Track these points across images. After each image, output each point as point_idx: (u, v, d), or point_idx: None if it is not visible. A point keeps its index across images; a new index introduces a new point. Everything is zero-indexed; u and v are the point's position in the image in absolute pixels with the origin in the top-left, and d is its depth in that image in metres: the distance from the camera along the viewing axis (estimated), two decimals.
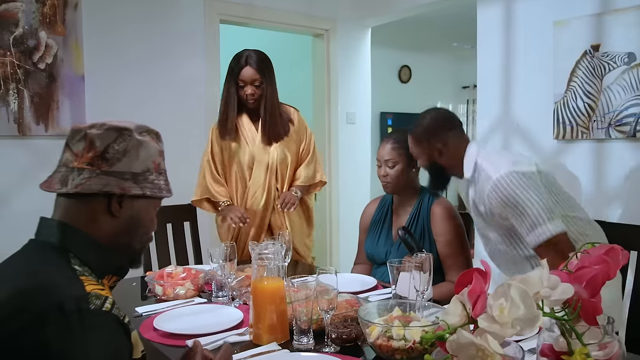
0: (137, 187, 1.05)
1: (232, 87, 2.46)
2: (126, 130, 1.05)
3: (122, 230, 1.07)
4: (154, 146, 1.10)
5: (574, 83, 2.45)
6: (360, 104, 4.63)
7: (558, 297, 0.93)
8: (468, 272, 1.03)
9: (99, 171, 1.02)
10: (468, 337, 0.92)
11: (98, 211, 1.03)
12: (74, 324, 0.86)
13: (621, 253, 1.02)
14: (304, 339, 1.43)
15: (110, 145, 1.03)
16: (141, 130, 1.09)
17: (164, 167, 1.13)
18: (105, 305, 0.92)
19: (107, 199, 1.03)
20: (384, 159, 2.15)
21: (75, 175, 1.01)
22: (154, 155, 1.09)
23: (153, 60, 3.40)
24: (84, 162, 1.02)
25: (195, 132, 3.53)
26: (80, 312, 0.88)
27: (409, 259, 1.68)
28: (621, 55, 2.29)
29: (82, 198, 1.02)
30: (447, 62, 7.22)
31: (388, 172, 2.15)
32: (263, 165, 2.51)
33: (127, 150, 1.04)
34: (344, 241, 4.49)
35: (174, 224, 2.72)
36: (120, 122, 1.07)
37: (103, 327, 0.90)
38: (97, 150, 1.02)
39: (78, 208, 1.03)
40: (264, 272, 1.52)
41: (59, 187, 1.02)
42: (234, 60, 2.45)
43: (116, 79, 3.25)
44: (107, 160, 1.03)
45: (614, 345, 0.96)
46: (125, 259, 1.12)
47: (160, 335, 1.54)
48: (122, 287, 2.06)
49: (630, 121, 2.27)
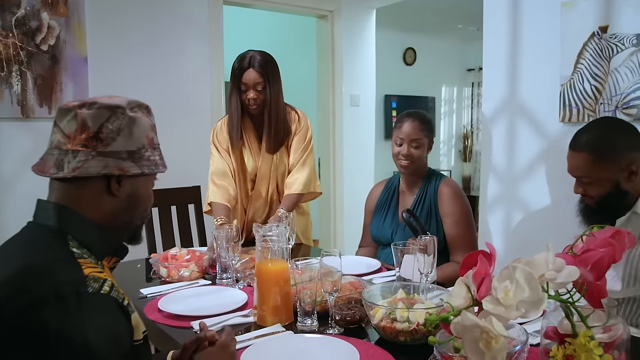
0: (135, 165, 1.03)
1: (234, 92, 2.29)
2: (119, 108, 1.02)
3: (122, 209, 1.05)
4: (146, 121, 1.08)
5: (581, 65, 2.42)
6: (364, 86, 4.60)
7: (563, 279, 0.93)
8: (473, 254, 1.03)
9: (94, 152, 0.99)
10: (472, 319, 0.92)
11: (97, 192, 1.02)
12: (71, 307, 0.86)
13: (627, 236, 1.01)
14: (308, 320, 1.43)
15: (103, 124, 1.00)
16: (132, 105, 1.06)
17: (157, 142, 1.11)
18: (103, 288, 0.91)
19: (106, 180, 1.01)
20: (411, 138, 2.08)
21: (71, 157, 0.99)
22: (147, 131, 1.07)
23: (156, 42, 3.38)
24: (78, 144, 0.99)
25: (199, 115, 3.53)
26: (78, 295, 0.87)
27: (413, 241, 1.68)
28: (630, 37, 2.25)
29: (79, 181, 1.00)
30: (452, 44, 7.16)
31: (412, 152, 2.09)
32: (266, 177, 2.41)
33: (120, 129, 1.02)
34: (348, 224, 4.50)
35: (178, 206, 2.73)
36: (111, 100, 1.04)
37: (101, 309, 0.90)
38: (91, 131, 0.99)
39: (75, 190, 1.01)
40: (268, 254, 1.52)
41: (55, 172, 0.99)
42: (236, 62, 2.28)
43: (119, 61, 3.23)
44: (102, 140, 1.00)
45: (618, 328, 0.96)
46: (125, 236, 1.11)
47: (164, 317, 1.55)
48: (126, 269, 2.09)
49: (638, 104, 2.24)
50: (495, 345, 0.91)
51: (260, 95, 2.25)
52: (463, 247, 2.04)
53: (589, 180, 1.59)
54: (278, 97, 2.31)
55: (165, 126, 3.24)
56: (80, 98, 1.10)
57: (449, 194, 2.10)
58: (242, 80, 2.25)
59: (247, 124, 2.39)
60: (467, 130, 7.57)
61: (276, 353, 1.28)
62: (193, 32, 3.54)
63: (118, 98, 1.06)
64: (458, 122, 7.61)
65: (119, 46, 3.24)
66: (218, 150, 2.41)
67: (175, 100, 3.43)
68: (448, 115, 7.44)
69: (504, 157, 2.78)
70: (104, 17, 3.17)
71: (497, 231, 2.82)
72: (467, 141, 7.52)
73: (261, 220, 2.42)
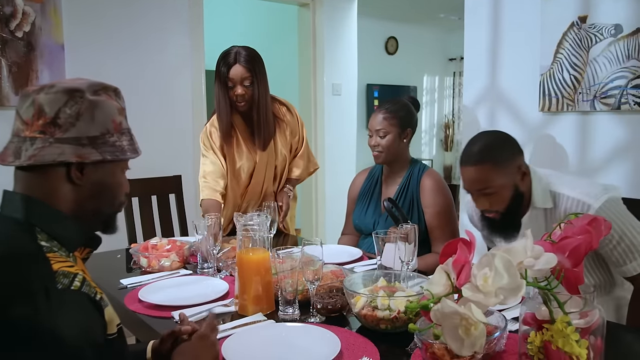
0: (96, 152, 0.98)
1: (221, 89, 2.24)
2: (77, 92, 0.97)
3: (87, 197, 1.00)
4: (112, 104, 1.02)
5: (560, 55, 2.44)
6: (346, 75, 4.59)
7: (541, 266, 0.94)
8: (452, 242, 1.03)
9: (52, 139, 0.94)
10: (452, 306, 0.93)
11: (58, 181, 0.97)
12: (40, 304, 0.83)
13: (604, 223, 1.03)
14: (289, 309, 1.44)
15: (60, 109, 0.95)
16: (95, 88, 1.00)
17: (126, 126, 1.05)
18: (74, 283, 0.88)
19: (65, 167, 0.97)
20: (375, 129, 2.14)
21: (28, 145, 0.94)
22: (113, 115, 1.01)
23: (135, 29, 3.32)
24: (35, 131, 0.94)
25: (179, 104, 3.49)
26: (47, 291, 0.84)
27: (395, 230, 1.68)
28: (608, 27, 2.28)
29: (39, 169, 0.95)
30: (434, 33, 7.18)
31: (379, 142, 2.13)
32: (263, 170, 2.40)
33: (80, 114, 0.96)
34: (329, 213, 4.51)
35: (158, 195, 2.70)
36: (72, 82, 0.98)
37: (72, 305, 0.87)
38: (48, 117, 0.94)
39: (37, 180, 0.96)
40: (249, 243, 1.52)
41: (12, 160, 0.95)
42: (221, 59, 2.23)
43: (97, 48, 3.17)
44: (60, 126, 0.95)
45: (594, 314, 0.98)
46: (97, 225, 1.07)
47: (145, 307, 1.54)
48: (106, 259, 2.06)
49: (615, 93, 2.27)
50: (475, 331, 0.92)
51: (248, 90, 2.22)
52: (444, 238, 2.06)
53: (491, 191, 1.59)
54: (266, 92, 2.29)
55: (145, 115, 3.26)
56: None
57: (431, 186, 2.11)
58: (228, 76, 2.21)
59: (238, 120, 2.36)
60: (449, 119, 7.62)
61: (257, 342, 1.27)
62: (173, 20, 3.48)
63: (80, 81, 1.01)
64: (440, 111, 7.65)
65: (96, 33, 3.18)
66: (213, 150, 2.36)
67: (156, 88, 3.38)
68: (430, 105, 7.47)
69: None
70: (81, 3, 3.10)
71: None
72: (449, 130, 7.57)
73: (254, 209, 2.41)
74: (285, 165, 2.47)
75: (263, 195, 2.45)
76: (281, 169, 2.46)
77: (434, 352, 1.11)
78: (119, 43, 3.26)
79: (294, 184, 2.53)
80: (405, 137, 2.15)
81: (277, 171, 2.45)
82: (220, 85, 2.25)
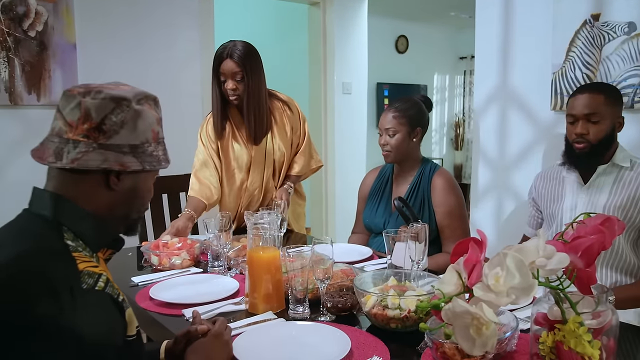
0: (137, 161, 1.00)
1: (214, 82, 2.29)
2: (124, 101, 0.98)
3: (120, 203, 1.03)
4: (152, 115, 1.04)
5: (572, 53, 2.42)
6: (356, 74, 4.59)
7: (553, 266, 0.93)
8: (464, 241, 1.03)
9: (95, 145, 0.96)
10: (463, 305, 0.93)
11: (95, 185, 0.99)
12: (65, 303, 0.84)
13: (617, 223, 1.02)
14: (299, 308, 1.44)
15: (107, 116, 0.96)
16: (139, 97, 1.02)
17: (162, 135, 1.08)
18: (98, 284, 0.89)
19: (105, 174, 0.98)
20: (385, 128, 2.14)
21: (71, 147, 0.95)
22: (153, 124, 1.04)
23: (146, 28, 3.34)
24: (80, 134, 0.95)
25: (190, 101, 3.50)
26: (71, 291, 0.85)
27: (405, 229, 1.68)
28: (621, 25, 2.25)
29: (78, 172, 0.96)
30: (445, 32, 7.14)
31: (388, 141, 2.13)
32: (260, 165, 2.41)
33: (125, 122, 0.98)
34: (340, 212, 4.50)
35: (169, 194, 2.72)
36: (118, 89, 1.00)
37: (96, 306, 0.88)
38: (94, 122, 0.96)
39: (73, 181, 0.97)
40: (259, 241, 1.52)
41: (53, 160, 0.96)
42: (217, 52, 2.26)
43: (109, 47, 3.20)
44: (104, 132, 0.96)
45: (607, 315, 0.97)
46: (122, 229, 1.09)
47: (156, 305, 1.55)
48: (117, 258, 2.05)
49: (629, 92, 2.25)
50: (486, 331, 0.92)
51: (240, 85, 2.23)
52: (455, 238, 2.05)
53: (596, 119, 1.78)
54: (259, 88, 2.29)
55: None
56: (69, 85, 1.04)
57: (442, 185, 2.10)
58: (220, 70, 2.24)
59: (235, 113, 2.39)
60: (459, 118, 7.58)
61: (268, 340, 1.28)
62: (184, 18, 3.50)
63: (125, 88, 1.02)
64: (450, 110, 7.61)
65: (108, 32, 3.20)
66: (203, 144, 2.40)
67: (166, 87, 3.40)
68: (440, 104, 7.44)
69: (496, 146, 2.79)
70: (93, 2, 3.13)
71: (488, 219, 2.84)
72: (459, 129, 7.53)
73: (256, 208, 2.41)
74: (284, 161, 2.47)
75: (264, 191, 2.46)
76: (280, 164, 2.46)
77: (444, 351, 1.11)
78: (130, 41, 3.28)
79: (294, 180, 2.52)
80: (415, 136, 2.14)
81: (276, 166, 2.45)
82: (214, 78, 2.29)
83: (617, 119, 1.81)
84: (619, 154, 1.83)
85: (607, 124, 1.79)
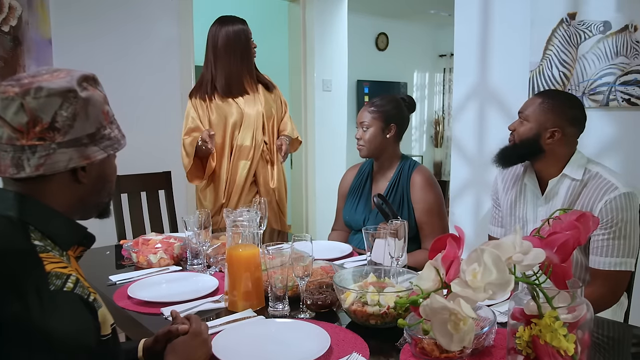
0: (99, 149, 0.97)
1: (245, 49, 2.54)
2: (70, 92, 0.93)
3: (91, 192, 1.01)
4: (99, 95, 0.99)
5: (549, 51, 2.45)
6: (336, 71, 4.59)
7: (530, 262, 0.94)
8: (442, 237, 1.04)
9: (54, 145, 0.91)
10: (441, 301, 0.94)
11: (63, 183, 0.96)
12: (32, 305, 0.81)
13: (592, 219, 1.03)
14: (279, 305, 1.43)
15: (57, 113, 0.91)
16: (81, 81, 0.97)
17: (112, 113, 1.03)
18: (67, 284, 0.87)
19: (72, 170, 0.95)
20: (360, 122, 2.18)
21: (29, 154, 0.90)
22: (102, 106, 1.00)
23: (124, 23, 3.29)
24: (34, 138, 0.90)
25: (170, 97, 3.47)
26: (38, 292, 0.83)
27: (384, 225, 1.68)
28: (597, 23, 2.29)
29: (44, 176, 0.93)
30: (425, 30, 7.19)
31: (362, 135, 2.16)
32: (252, 121, 2.56)
33: (76, 114, 0.94)
34: (320, 209, 4.50)
35: (148, 192, 2.69)
36: (58, 81, 0.94)
37: (64, 307, 0.85)
38: (45, 123, 0.90)
39: (39, 184, 0.94)
40: (239, 239, 1.51)
41: (16, 172, 0.91)
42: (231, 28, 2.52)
43: (85, 43, 3.15)
44: (59, 130, 0.92)
45: (582, 309, 0.99)
46: (94, 215, 1.07)
47: (134, 304, 1.53)
48: (95, 256, 2.05)
49: (604, 90, 2.29)
50: (464, 326, 0.93)
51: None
52: (434, 235, 2.06)
53: (524, 119, 1.79)
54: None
55: (133, 110, 3.23)
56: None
57: (421, 182, 2.11)
58: (250, 38, 2.57)
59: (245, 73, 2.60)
60: (439, 115, 7.64)
61: (247, 338, 1.27)
62: (162, 12, 3.46)
63: (61, 75, 0.96)
64: (430, 107, 7.67)
65: (84, 27, 3.15)
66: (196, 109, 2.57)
67: (144, 83, 3.36)
68: (420, 101, 7.48)
69: (475, 143, 2.81)
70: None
71: (467, 216, 2.87)
72: (439, 127, 7.59)
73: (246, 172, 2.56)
74: (273, 120, 2.64)
75: (254, 148, 2.56)
76: (270, 124, 2.62)
77: (423, 347, 1.12)
78: (107, 38, 3.23)
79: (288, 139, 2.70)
80: (389, 132, 2.14)
81: (265, 119, 2.60)
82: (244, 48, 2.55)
83: (547, 126, 1.73)
84: (572, 164, 1.75)
85: (532, 127, 1.75)
